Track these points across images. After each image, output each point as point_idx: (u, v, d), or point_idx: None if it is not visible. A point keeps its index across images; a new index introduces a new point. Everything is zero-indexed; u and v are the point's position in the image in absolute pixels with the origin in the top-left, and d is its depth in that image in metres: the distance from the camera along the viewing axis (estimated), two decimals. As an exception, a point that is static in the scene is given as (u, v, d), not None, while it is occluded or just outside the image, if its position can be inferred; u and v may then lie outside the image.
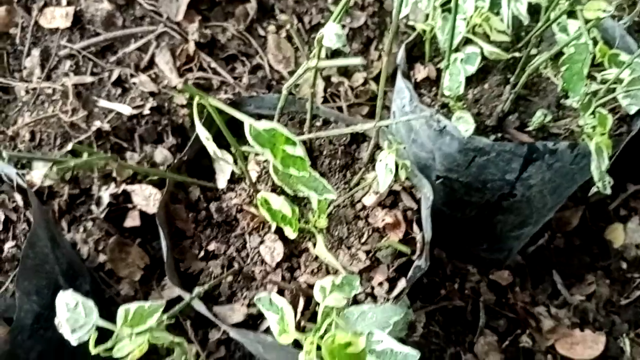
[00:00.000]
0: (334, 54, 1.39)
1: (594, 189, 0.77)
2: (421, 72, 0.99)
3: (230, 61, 1.32)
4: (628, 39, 0.97)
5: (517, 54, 0.97)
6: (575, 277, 1.33)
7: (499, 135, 0.91)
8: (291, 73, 1.31)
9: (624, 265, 1.30)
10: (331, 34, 0.66)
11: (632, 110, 0.90)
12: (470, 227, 1.12)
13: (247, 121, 0.56)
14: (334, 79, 1.35)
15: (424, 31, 0.97)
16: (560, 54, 0.84)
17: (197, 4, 1.31)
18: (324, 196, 0.67)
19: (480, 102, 0.95)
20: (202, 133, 0.63)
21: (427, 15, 0.98)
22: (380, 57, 1.40)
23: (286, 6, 1.37)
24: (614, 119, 0.94)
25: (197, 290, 0.67)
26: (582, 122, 0.86)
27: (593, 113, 0.80)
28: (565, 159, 0.89)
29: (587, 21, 0.73)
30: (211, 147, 0.64)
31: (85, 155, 0.67)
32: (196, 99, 0.59)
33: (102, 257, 1.12)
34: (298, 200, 0.85)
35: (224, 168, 0.87)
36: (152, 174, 1.09)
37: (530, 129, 0.91)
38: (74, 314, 0.60)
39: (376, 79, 1.36)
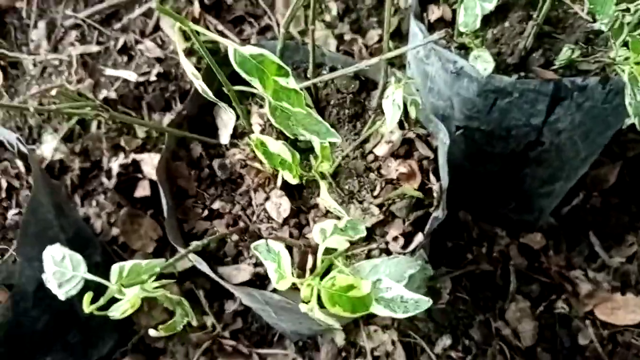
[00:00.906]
0: (346, 10, 1.32)
1: (627, 121, 0.69)
2: (435, 12, 0.92)
3: (238, 23, 1.27)
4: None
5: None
6: (613, 239, 1.24)
7: (522, 74, 0.83)
8: (301, 33, 1.25)
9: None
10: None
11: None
12: (495, 183, 1.05)
13: (231, 45, 0.51)
14: (347, 37, 1.29)
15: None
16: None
17: (202, -34, 1.26)
18: (327, 140, 0.61)
19: (501, 42, 0.88)
20: (187, 67, 0.58)
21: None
22: (396, 11, 1.32)
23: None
24: None
25: (195, 243, 0.62)
26: (613, 54, 0.78)
27: (626, 44, 0.72)
28: (597, 97, 0.81)
29: None
30: (201, 85, 0.59)
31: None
32: (176, 26, 0.54)
33: (114, 231, 1.10)
34: (302, 152, 0.79)
35: (227, 123, 0.82)
36: (150, 126, 1.06)
37: (556, 66, 0.83)
38: (60, 267, 0.56)
39: (393, 35, 1.29)
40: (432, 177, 0.79)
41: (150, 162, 1.10)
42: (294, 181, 0.63)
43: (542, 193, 1.09)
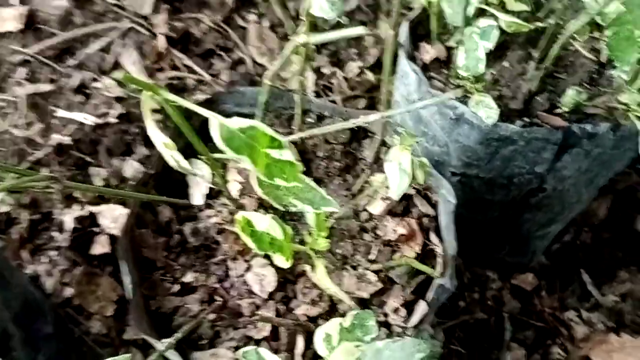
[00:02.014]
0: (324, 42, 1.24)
1: None
2: (429, 52, 0.84)
3: (208, 57, 1.16)
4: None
5: (539, 24, 0.83)
6: (606, 275, 1.18)
7: (527, 120, 0.76)
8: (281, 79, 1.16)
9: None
10: (322, 1, 0.52)
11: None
12: (491, 229, 0.98)
13: (215, 119, 0.41)
14: (326, 70, 1.20)
15: (429, 3, 0.82)
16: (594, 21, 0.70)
17: (165, -5, 1.16)
18: (323, 209, 0.52)
19: (501, 83, 0.81)
20: (157, 138, 0.48)
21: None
22: (377, 42, 1.25)
23: (268, -10, 1.22)
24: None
25: (169, 342, 0.51)
26: (624, 99, 0.72)
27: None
28: (606, 143, 0.75)
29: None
30: (172, 156, 0.49)
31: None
32: (145, 95, 0.44)
33: (68, 291, 0.97)
34: (290, 215, 0.70)
35: (199, 181, 0.72)
36: (108, 194, 0.94)
37: (562, 110, 0.76)
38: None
39: (373, 67, 1.22)
40: (433, 238, 0.70)
41: (109, 215, 0.98)
42: (286, 264, 0.53)
43: (537, 236, 1.03)
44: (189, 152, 0.60)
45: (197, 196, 0.71)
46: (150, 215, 0.71)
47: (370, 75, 1.19)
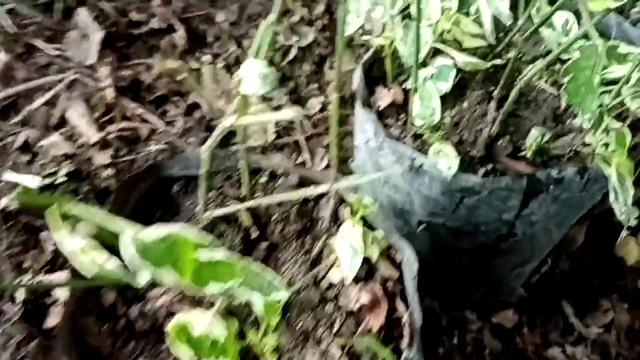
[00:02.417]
0: (282, 79, 1.20)
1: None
2: (384, 96, 0.81)
3: (161, 103, 1.12)
4: (626, 26, 0.81)
5: (498, 61, 0.80)
6: (588, 305, 1.15)
7: (489, 167, 0.73)
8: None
9: (643, 285, 1.13)
10: (252, 76, 0.47)
11: (646, 116, 0.73)
12: (463, 274, 0.94)
13: (125, 234, 0.36)
14: (287, 109, 1.16)
15: (383, 46, 0.79)
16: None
17: (112, 42, 1.11)
18: (272, 296, 0.47)
19: (461, 126, 0.77)
20: (71, 245, 0.43)
21: (384, 26, 0.79)
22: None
23: (220, 30, 1.18)
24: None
25: None
26: (589, 139, 0.69)
27: (606, 130, 0.62)
28: (574, 187, 0.71)
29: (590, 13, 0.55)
30: (94, 261, 0.44)
31: None
32: (50, 212, 0.39)
33: (24, 366, 0.91)
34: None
35: (145, 256, 0.66)
36: (43, 288, 0.88)
37: (526, 154, 0.73)
38: None
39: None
40: (400, 304, 0.66)
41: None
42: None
43: (513, 275, 0.99)
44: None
45: (143, 275, 0.65)
46: (93, 301, 0.65)
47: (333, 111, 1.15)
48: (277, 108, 1.17)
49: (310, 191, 0.54)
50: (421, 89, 0.70)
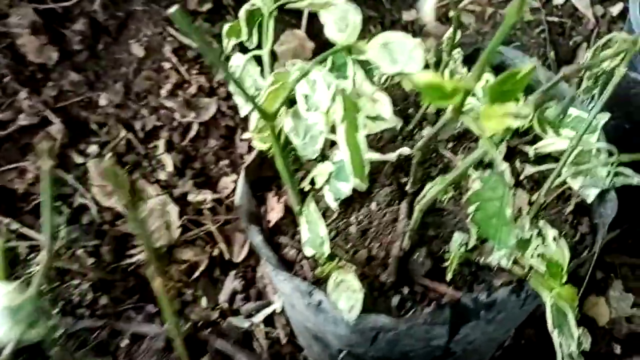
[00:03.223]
0: (186, 160, 1.04)
1: None
2: (275, 207, 0.66)
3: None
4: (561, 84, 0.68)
5: (406, 150, 0.66)
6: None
7: (406, 291, 0.59)
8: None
9: (617, 349, 1.00)
10: None
11: (591, 197, 0.60)
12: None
13: None
14: (192, 197, 1.01)
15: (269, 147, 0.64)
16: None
17: (-27, 151, 0.94)
18: None
19: (370, 235, 0.63)
20: None
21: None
22: (249, 149, 1.06)
23: (105, 115, 1.02)
24: (563, 210, 0.64)
25: None
26: (522, 258, 0.55)
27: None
28: (510, 306, 0.58)
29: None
30: None
31: None
32: None
33: None
34: None
35: None
36: None
37: (448, 272, 0.59)
38: None
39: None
40: None
41: None
42: None
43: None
44: None
45: None
46: None
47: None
48: (182, 197, 1.01)
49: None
50: (307, 212, 0.56)
